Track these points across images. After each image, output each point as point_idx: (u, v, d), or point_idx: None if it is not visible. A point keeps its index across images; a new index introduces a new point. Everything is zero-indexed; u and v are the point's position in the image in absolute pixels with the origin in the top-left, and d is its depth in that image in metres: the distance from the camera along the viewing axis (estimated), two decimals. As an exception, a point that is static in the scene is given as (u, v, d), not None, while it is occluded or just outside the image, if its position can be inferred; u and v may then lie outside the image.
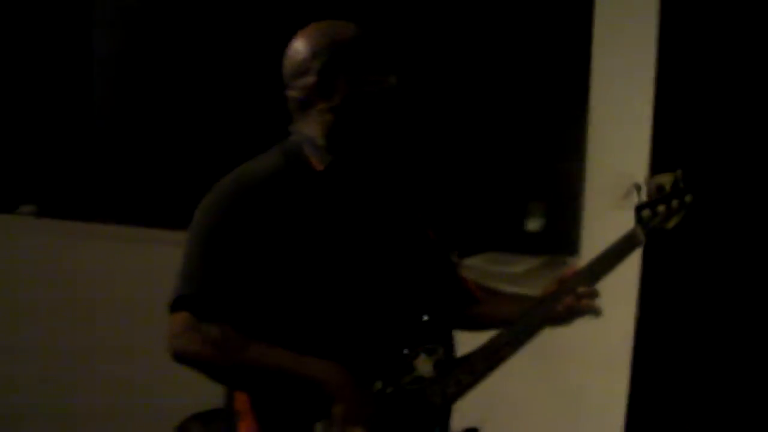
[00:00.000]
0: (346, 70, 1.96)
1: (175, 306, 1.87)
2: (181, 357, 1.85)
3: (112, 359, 4.15)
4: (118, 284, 4.13)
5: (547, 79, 3.65)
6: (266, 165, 2.00)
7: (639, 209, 2.16)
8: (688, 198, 2.17)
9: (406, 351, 1.95)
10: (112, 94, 4.47)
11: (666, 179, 2.17)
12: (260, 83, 3.87)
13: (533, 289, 2.33)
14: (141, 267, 4.06)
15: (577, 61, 3.35)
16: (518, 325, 2.07)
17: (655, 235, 2.17)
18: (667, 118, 3.19)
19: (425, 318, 1.99)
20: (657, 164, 3.12)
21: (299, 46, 2.00)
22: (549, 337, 2.17)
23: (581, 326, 2.46)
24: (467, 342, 2.07)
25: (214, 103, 4.22)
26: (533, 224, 3.70)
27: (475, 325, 2.22)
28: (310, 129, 2.02)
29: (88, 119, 4.49)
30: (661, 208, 2.15)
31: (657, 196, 2.16)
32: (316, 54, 1.96)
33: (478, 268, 3.24)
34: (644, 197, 2.17)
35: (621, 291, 2.23)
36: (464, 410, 2.07)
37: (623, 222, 2.20)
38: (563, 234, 3.53)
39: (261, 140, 2.14)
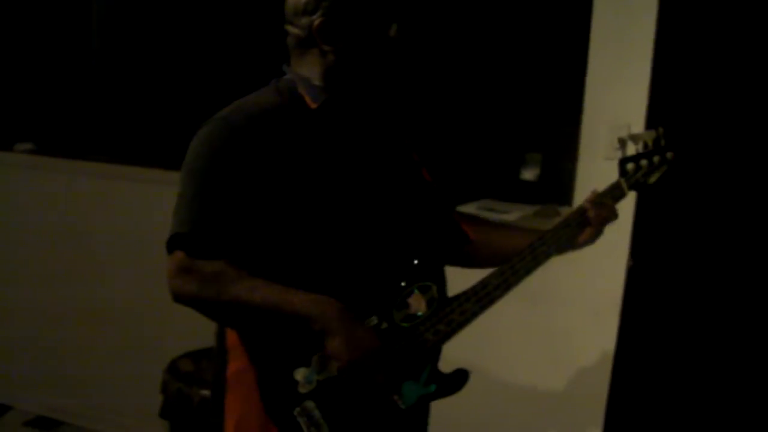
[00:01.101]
0: (354, 14, 1.94)
1: (171, 245, 1.87)
2: (178, 297, 1.86)
3: (106, 294, 4.20)
4: (114, 222, 4.16)
5: (549, 32, 3.65)
6: (259, 102, 1.99)
7: (623, 162, 2.22)
8: (669, 155, 2.24)
9: (403, 284, 1.97)
10: (110, 32, 4.45)
11: (649, 135, 2.23)
12: (257, 20, 3.90)
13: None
14: (137, 205, 4.09)
15: (577, 15, 3.34)
16: (508, 266, 2.08)
17: (638, 188, 2.23)
18: (665, 73, 3.19)
19: (416, 262, 2.00)
20: (653, 118, 3.14)
21: None
22: (538, 282, 2.20)
23: (571, 271, 2.50)
24: (459, 283, 2.09)
25: (211, 40, 4.21)
26: (529, 174, 3.72)
27: (469, 262, 2.25)
28: (307, 69, 2.01)
29: (85, 57, 4.48)
30: (643, 162, 2.22)
31: (641, 150, 2.22)
32: None
33: (471, 214, 3.25)
34: (628, 152, 2.22)
35: (612, 238, 2.26)
36: (453, 353, 2.10)
37: (615, 174, 2.24)
38: (557, 184, 3.56)
39: (257, 77, 2.15)
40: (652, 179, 2.24)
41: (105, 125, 4.48)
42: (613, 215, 2.19)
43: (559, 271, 2.43)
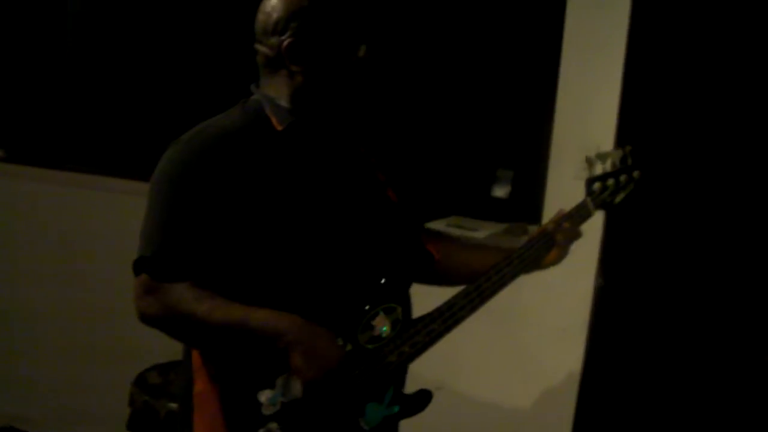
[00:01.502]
0: (323, 35, 1.95)
1: (136, 268, 1.88)
2: (144, 318, 1.88)
3: (73, 304, 4.17)
4: (85, 232, 4.13)
5: (520, 51, 3.66)
6: (226, 123, 1.99)
7: (590, 182, 2.24)
8: (635, 173, 2.26)
9: (367, 307, 1.97)
10: (85, 41, 4.43)
11: (615, 155, 2.24)
12: (229, 37, 3.89)
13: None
14: (108, 215, 4.06)
15: (548, 35, 3.36)
16: (474, 287, 2.09)
17: (604, 207, 2.25)
18: (635, 92, 3.22)
19: (382, 281, 2.00)
20: (623, 138, 3.16)
21: (276, 3, 1.97)
22: (506, 301, 2.21)
23: (538, 290, 2.51)
24: (424, 303, 2.10)
25: (184, 50, 4.20)
26: (500, 191, 3.73)
27: (436, 281, 2.27)
28: (275, 89, 2.02)
29: (59, 64, 4.46)
30: (610, 182, 2.24)
31: (608, 170, 2.24)
32: (294, 15, 1.94)
33: (439, 232, 3.26)
34: (595, 171, 2.23)
35: (580, 258, 2.28)
36: (420, 373, 2.11)
37: (584, 193, 2.26)
38: (527, 202, 3.57)
39: (227, 96, 2.15)
40: (619, 199, 2.26)
41: (77, 134, 4.46)
42: (577, 236, 2.22)
43: (527, 290, 2.45)
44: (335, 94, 2.01)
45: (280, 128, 1.99)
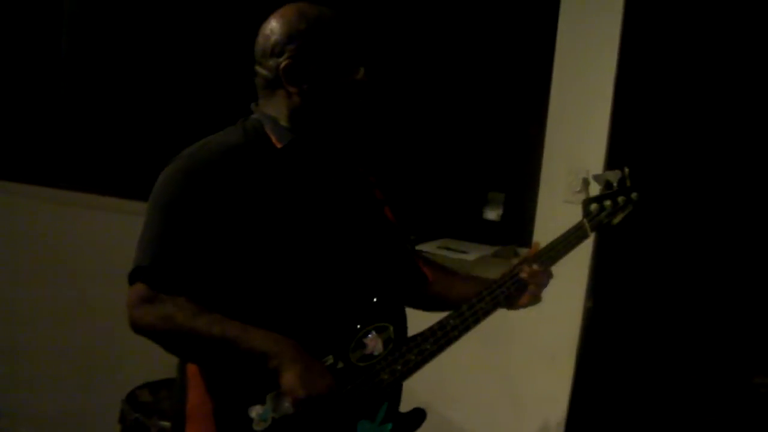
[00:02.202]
0: (320, 57, 1.98)
1: (133, 277, 1.89)
2: (137, 328, 1.88)
3: (60, 322, 4.17)
4: (73, 249, 4.14)
5: (512, 74, 3.70)
6: (226, 140, 2.01)
7: (587, 203, 2.23)
8: (634, 195, 2.24)
9: (359, 326, 1.99)
10: (80, 60, 4.45)
11: (613, 176, 2.24)
12: (226, 58, 3.92)
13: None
14: (97, 233, 4.08)
15: (539, 58, 3.39)
16: (468, 307, 2.11)
17: (601, 229, 2.24)
18: (625, 116, 3.24)
19: (375, 300, 2.02)
20: (613, 161, 3.18)
21: (275, 26, 2.00)
22: (495, 325, 2.23)
23: (528, 314, 2.51)
24: (419, 323, 2.11)
25: (180, 74, 4.23)
26: (492, 213, 3.75)
27: (427, 304, 2.28)
28: (274, 109, 2.04)
29: (51, 83, 4.47)
30: (607, 203, 2.23)
31: (604, 191, 2.23)
32: (292, 37, 1.98)
33: (431, 254, 3.27)
34: (593, 192, 2.24)
35: (569, 281, 2.28)
36: (409, 392, 2.11)
37: (575, 216, 2.25)
38: (517, 225, 3.59)
39: (225, 115, 2.17)
40: (616, 220, 2.25)
41: (67, 152, 4.47)
42: (547, 279, 2.19)
43: (517, 314, 2.44)
44: (333, 115, 2.03)
45: (279, 146, 2.02)
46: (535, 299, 2.18)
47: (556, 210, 3.19)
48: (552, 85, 3.28)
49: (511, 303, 2.18)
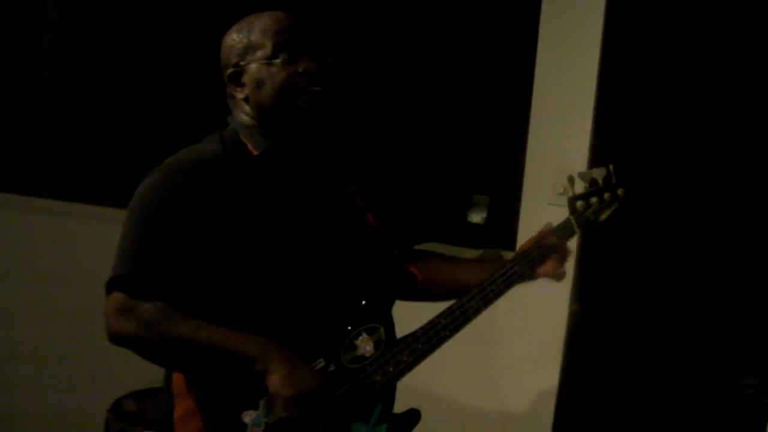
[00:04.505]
0: (252, 56, 2.05)
1: (110, 287, 1.88)
2: (116, 338, 1.86)
3: (47, 333, 4.14)
4: (58, 258, 4.12)
5: (494, 77, 3.71)
6: (203, 150, 2.04)
7: (573, 200, 2.24)
8: (620, 191, 2.25)
9: (349, 327, 1.99)
10: (60, 70, 4.44)
11: (599, 173, 2.25)
12: (206, 68, 3.91)
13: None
14: (82, 242, 4.05)
15: (520, 62, 3.40)
16: (457, 306, 2.11)
17: (588, 226, 2.25)
18: (608, 118, 3.26)
19: (363, 303, 2.02)
20: (596, 163, 3.19)
21: (226, 39, 2.11)
22: (482, 327, 2.22)
23: (514, 317, 2.52)
24: (408, 323, 2.11)
25: (157, 83, 4.23)
26: (476, 217, 3.76)
27: (423, 297, 2.29)
28: (239, 116, 2.10)
29: (35, 93, 4.46)
30: (593, 200, 2.24)
31: (590, 188, 2.24)
32: (232, 48, 2.07)
33: (427, 250, 3.27)
34: (578, 190, 2.24)
35: (554, 283, 2.27)
36: (397, 393, 2.11)
37: (559, 219, 2.26)
38: (502, 228, 3.59)
39: (204, 124, 2.18)
40: (603, 216, 2.26)
41: (53, 162, 4.45)
42: (564, 251, 2.23)
43: (503, 317, 2.45)
44: (282, 108, 2.04)
45: (256, 153, 2.04)
46: (560, 272, 2.21)
47: (540, 213, 3.16)
48: (534, 87, 3.29)
49: (531, 274, 2.19)
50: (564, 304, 3.28)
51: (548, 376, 3.33)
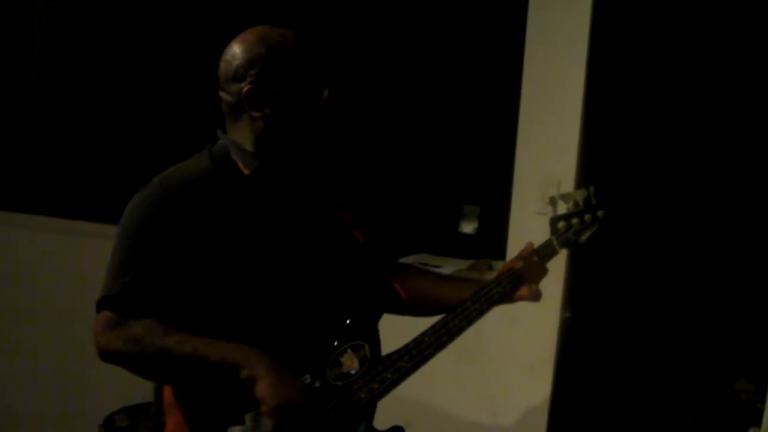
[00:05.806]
0: (281, 81, 1.98)
1: (100, 305, 1.89)
2: (105, 355, 1.87)
3: (39, 350, 4.14)
4: (50, 275, 4.12)
5: (482, 88, 3.72)
6: (194, 168, 2.02)
7: (554, 221, 2.26)
8: (600, 213, 2.27)
9: (335, 343, 1.99)
10: (50, 87, 4.44)
11: (580, 195, 2.26)
12: (195, 83, 3.92)
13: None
14: (73, 258, 4.05)
15: (508, 72, 3.41)
16: (441, 324, 2.11)
17: (569, 246, 2.26)
18: (595, 127, 3.26)
19: (348, 321, 2.02)
20: (584, 172, 3.20)
21: (236, 51, 2.00)
22: (473, 339, 2.23)
23: (505, 326, 2.53)
24: (394, 340, 2.11)
25: (150, 98, 4.23)
26: (467, 227, 3.76)
27: (407, 313, 2.30)
28: (239, 134, 2.05)
29: (25, 109, 4.46)
30: (575, 221, 2.25)
31: (572, 209, 2.26)
32: (252, 62, 1.98)
33: (412, 265, 3.28)
34: (559, 210, 2.26)
35: (545, 291, 2.28)
36: (388, 411, 2.12)
37: (547, 228, 2.27)
38: (493, 238, 3.60)
39: (194, 140, 2.17)
40: (583, 238, 2.27)
41: (42, 178, 4.46)
42: (544, 272, 2.24)
43: (493, 327, 2.45)
44: (297, 138, 2.04)
45: (247, 172, 2.02)
46: (536, 289, 2.21)
47: (529, 222, 3.20)
48: (521, 98, 3.29)
49: (509, 298, 2.20)
50: (555, 311, 3.28)
51: (541, 385, 3.33)
